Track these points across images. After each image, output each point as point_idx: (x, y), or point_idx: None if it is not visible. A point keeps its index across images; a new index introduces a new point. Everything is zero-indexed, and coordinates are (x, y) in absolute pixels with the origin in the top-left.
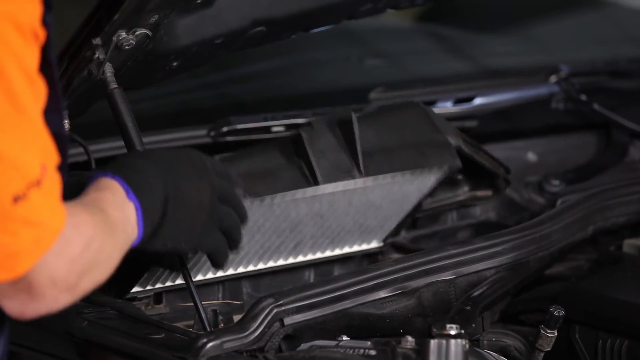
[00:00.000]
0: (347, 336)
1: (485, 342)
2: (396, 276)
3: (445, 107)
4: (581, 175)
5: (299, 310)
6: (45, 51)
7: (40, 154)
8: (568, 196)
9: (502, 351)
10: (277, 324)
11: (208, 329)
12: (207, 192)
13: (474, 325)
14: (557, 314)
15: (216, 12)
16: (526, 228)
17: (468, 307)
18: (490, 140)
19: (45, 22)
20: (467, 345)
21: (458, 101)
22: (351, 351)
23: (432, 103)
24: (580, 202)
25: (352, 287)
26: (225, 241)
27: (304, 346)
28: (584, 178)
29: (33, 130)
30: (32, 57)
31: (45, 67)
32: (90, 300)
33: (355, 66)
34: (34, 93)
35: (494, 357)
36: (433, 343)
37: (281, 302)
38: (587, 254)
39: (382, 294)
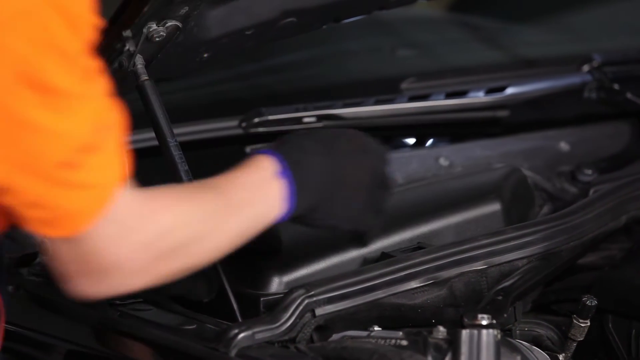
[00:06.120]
0: (379, 326)
1: (517, 332)
2: (427, 266)
3: (477, 96)
4: (614, 164)
5: (330, 300)
6: None
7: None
8: (601, 185)
9: (534, 341)
10: (308, 315)
11: (239, 319)
12: (368, 173)
13: (506, 315)
14: (589, 304)
15: (246, 3)
16: (558, 218)
17: (500, 297)
18: (522, 129)
19: None
20: (499, 336)
21: (490, 91)
22: (383, 341)
23: (464, 93)
24: (613, 191)
25: (383, 278)
26: (378, 222)
27: (335, 337)
28: (617, 167)
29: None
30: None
31: None
32: None
33: (386, 56)
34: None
35: (526, 347)
36: (465, 333)
37: (312, 292)
38: (620, 243)
39: (414, 284)
